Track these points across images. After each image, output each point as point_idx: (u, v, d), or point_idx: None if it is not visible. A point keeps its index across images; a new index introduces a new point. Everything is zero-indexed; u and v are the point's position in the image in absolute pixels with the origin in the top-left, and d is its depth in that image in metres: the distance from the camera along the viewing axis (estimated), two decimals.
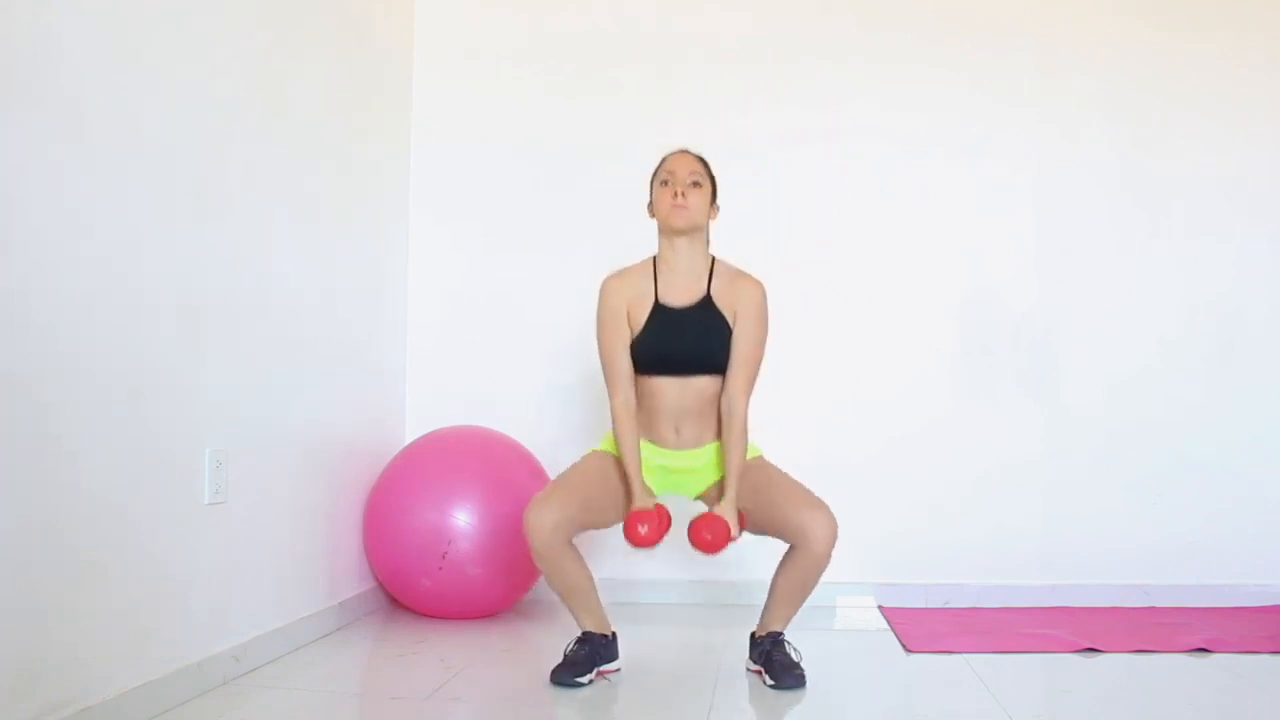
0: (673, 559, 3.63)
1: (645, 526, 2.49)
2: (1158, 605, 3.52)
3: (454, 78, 3.84)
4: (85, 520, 2.05)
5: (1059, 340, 3.66)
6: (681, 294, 2.60)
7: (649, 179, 2.69)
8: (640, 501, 2.55)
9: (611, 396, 2.61)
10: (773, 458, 2.73)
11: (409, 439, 3.59)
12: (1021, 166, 3.70)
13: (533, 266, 3.79)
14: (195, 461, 2.42)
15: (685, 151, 2.65)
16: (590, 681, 2.55)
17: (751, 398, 2.60)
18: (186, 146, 2.40)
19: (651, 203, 2.65)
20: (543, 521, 2.45)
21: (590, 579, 2.60)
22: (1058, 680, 2.69)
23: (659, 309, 2.58)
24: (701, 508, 2.69)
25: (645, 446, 2.65)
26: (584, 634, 2.61)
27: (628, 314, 2.60)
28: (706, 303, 2.58)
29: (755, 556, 3.61)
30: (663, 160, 2.66)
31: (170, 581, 2.33)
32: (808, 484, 2.61)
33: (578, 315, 3.73)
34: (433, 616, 3.28)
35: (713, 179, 2.65)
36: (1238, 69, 3.66)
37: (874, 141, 3.72)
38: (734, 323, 2.58)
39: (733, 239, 3.74)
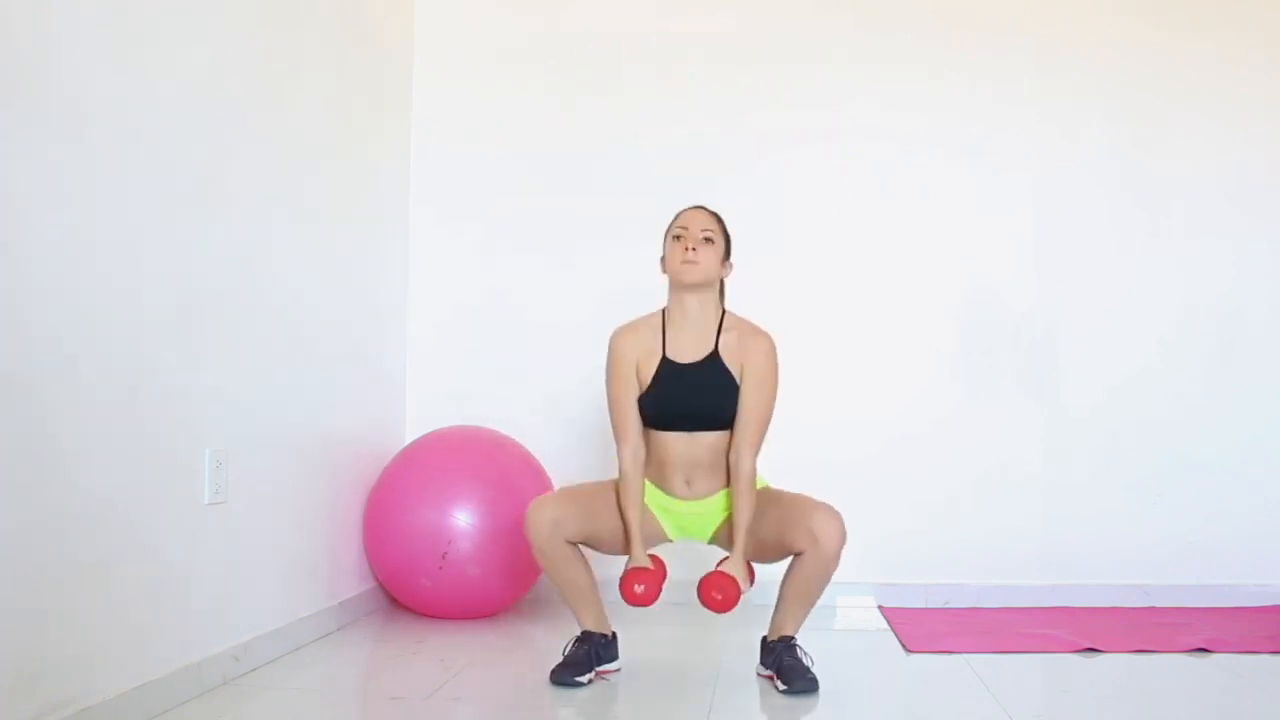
0: (674, 559, 3.64)
1: (642, 586, 2.48)
2: (1158, 605, 3.52)
3: (454, 78, 3.84)
4: (85, 520, 2.05)
5: (1059, 340, 3.66)
6: (689, 350, 2.57)
7: (663, 234, 2.65)
8: (638, 560, 2.54)
9: (619, 450, 2.59)
10: (774, 457, 2.73)
11: (409, 439, 3.59)
12: (1021, 166, 3.70)
13: (532, 266, 3.79)
14: (195, 461, 2.42)
15: (700, 208, 2.63)
16: (590, 681, 2.55)
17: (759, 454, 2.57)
18: (187, 147, 2.40)
19: (664, 258, 2.62)
20: (541, 518, 2.48)
21: (591, 578, 2.61)
22: (1058, 680, 2.69)
23: (666, 364, 2.56)
24: (718, 552, 2.69)
25: (657, 494, 2.64)
26: (583, 633, 2.61)
27: (637, 368, 2.58)
28: (714, 359, 2.55)
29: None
30: (677, 215, 2.63)
31: (170, 581, 2.33)
32: (808, 483, 2.62)
33: (578, 315, 3.74)
34: (433, 616, 3.28)
35: (727, 235, 2.62)
36: (1238, 69, 3.66)
37: (874, 141, 3.72)
38: (741, 378, 2.54)
39: (733, 239, 3.76)
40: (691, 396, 2.53)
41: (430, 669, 2.69)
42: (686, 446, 2.56)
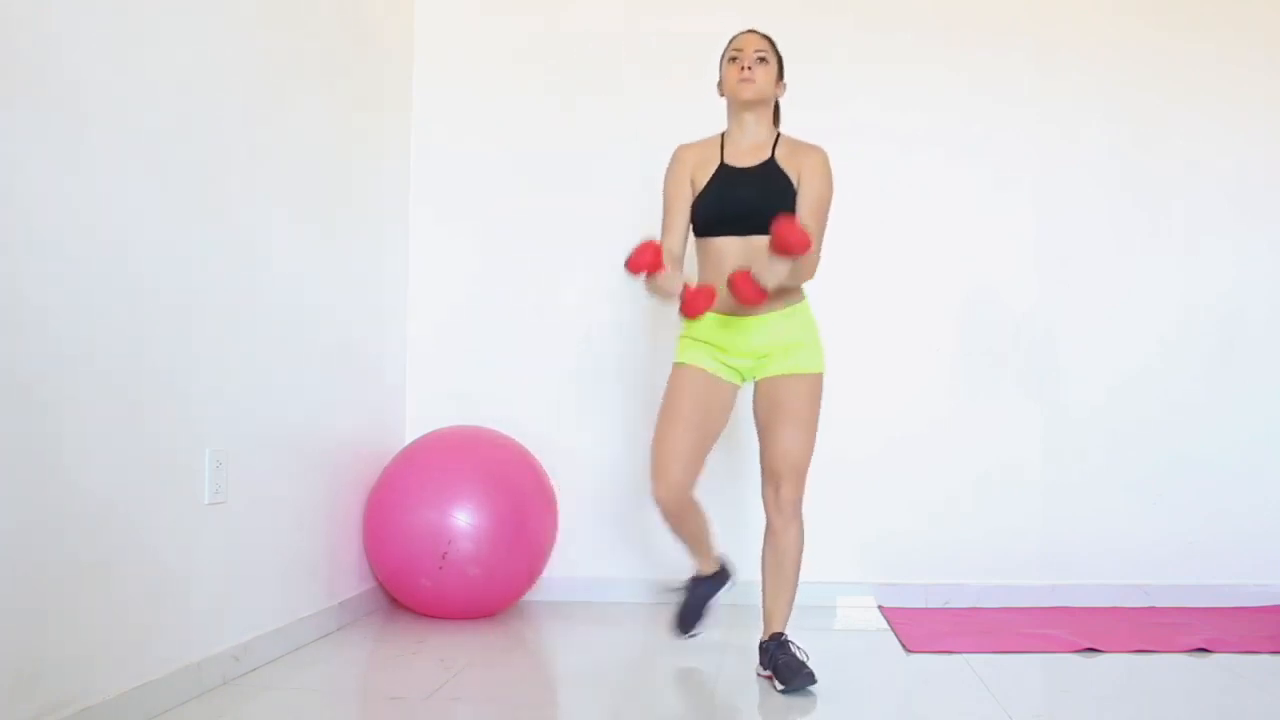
0: (679, 559, 3.65)
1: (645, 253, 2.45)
2: (1158, 605, 3.52)
3: (454, 78, 3.84)
4: (85, 520, 2.05)
5: (1059, 340, 3.66)
6: (745, 158, 2.66)
7: (714, 66, 2.76)
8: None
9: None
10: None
11: (409, 439, 3.59)
12: (1022, 166, 3.69)
13: (532, 266, 3.79)
14: (195, 461, 2.43)
15: (752, 30, 2.72)
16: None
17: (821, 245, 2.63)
18: (187, 147, 2.40)
19: (720, 81, 2.71)
20: (670, 493, 2.58)
21: (707, 526, 2.76)
22: (1058, 680, 2.69)
23: (723, 168, 2.65)
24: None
25: (711, 322, 2.62)
26: (693, 579, 2.85)
27: (692, 178, 2.67)
28: (769, 163, 2.64)
29: (754, 557, 3.62)
30: (731, 40, 2.72)
31: (170, 581, 2.33)
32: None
33: (578, 315, 3.74)
34: (433, 616, 3.28)
35: (779, 56, 2.71)
36: (1238, 69, 3.66)
37: (874, 141, 3.72)
38: (799, 185, 2.61)
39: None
40: (745, 192, 2.60)
41: (430, 669, 2.69)
42: (742, 251, 2.58)
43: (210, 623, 2.47)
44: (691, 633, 2.88)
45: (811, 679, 2.47)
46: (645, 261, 2.44)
